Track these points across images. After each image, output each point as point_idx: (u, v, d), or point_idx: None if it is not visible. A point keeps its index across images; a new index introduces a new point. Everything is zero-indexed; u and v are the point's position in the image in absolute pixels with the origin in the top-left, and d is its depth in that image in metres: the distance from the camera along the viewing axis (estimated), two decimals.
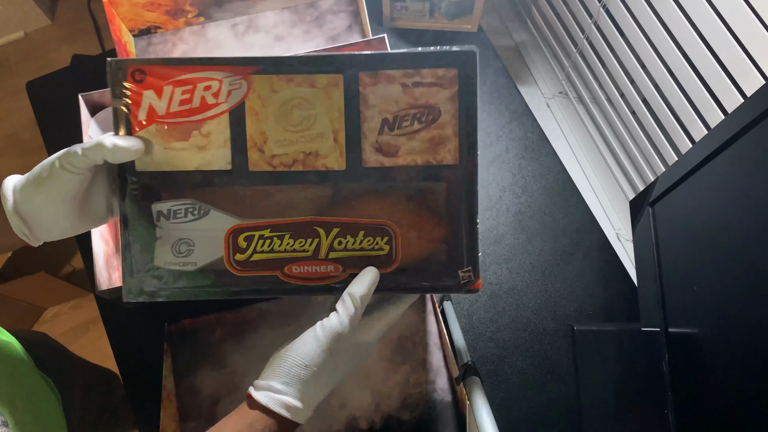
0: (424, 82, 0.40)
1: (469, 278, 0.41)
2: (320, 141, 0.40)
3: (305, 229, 0.41)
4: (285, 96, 0.39)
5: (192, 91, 0.39)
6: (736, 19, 0.52)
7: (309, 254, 0.41)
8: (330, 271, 0.41)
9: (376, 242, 0.41)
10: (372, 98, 0.40)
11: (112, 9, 0.81)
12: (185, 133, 0.39)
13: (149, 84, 0.38)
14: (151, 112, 0.39)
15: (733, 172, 0.47)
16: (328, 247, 0.41)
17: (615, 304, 0.72)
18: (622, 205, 0.80)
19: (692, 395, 0.51)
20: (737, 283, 0.45)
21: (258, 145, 0.40)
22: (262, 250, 0.41)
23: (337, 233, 0.41)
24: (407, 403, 0.65)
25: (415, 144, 0.40)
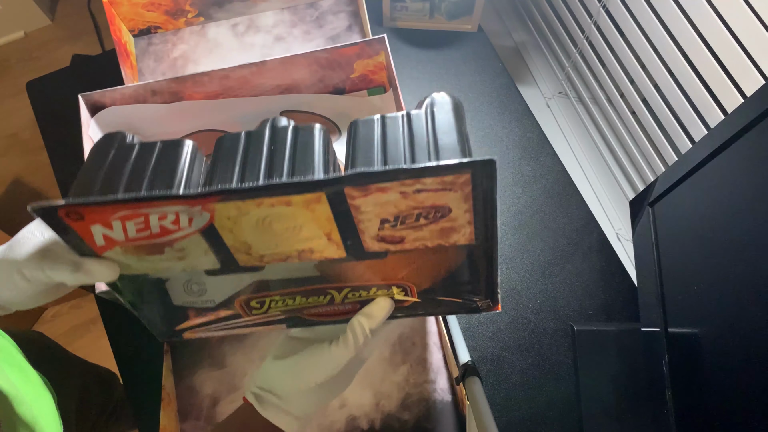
0: (428, 188, 0.31)
1: (487, 305, 0.40)
2: (312, 241, 0.34)
3: (316, 290, 0.39)
4: (258, 215, 0.32)
5: (146, 222, 0.32)
6: (736, 19, 0.52)
7: (324, 303, 0.39)
8: (348, 308, 0.40)
9: (391, 291, 0.39)
10: (365, 206, 0.32)
11: (112, 9, 0.81)
12: (157, 249, 0.34)
13: (92, 220, 0.32)
14: (108, 240, 0.33)
15: (733, 172, 0.47)
16: (343, 298, 0.39)
17: (615, 304, 0.72)
18: (622, 205, 0.80)
19: (692, 395, 0.51)
20: (737, 283, 0.45)
21: (243, 250, 0.35)
22: (277, 308, 0.40)
23: (349, 290, 0.38)
24: (407, 403, 0.65)
25: (422, 233, 0.34)
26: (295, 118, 0.76)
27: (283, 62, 0.68)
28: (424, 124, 0.36)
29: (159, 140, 0.38)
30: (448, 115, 0.36)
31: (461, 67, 0.88)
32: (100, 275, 0.34)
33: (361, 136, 0.36)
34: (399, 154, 0.35)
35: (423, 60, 0.88)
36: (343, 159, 0.37)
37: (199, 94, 0.71)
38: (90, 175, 0.35)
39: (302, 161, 0.35)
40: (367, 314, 0.38)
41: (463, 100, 0.85)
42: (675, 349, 0.55)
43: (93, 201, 0.31)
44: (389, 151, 0.35)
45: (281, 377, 0.38)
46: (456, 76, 0.87)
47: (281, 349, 0.40)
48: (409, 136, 0.35)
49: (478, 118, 0.82)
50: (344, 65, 0.72)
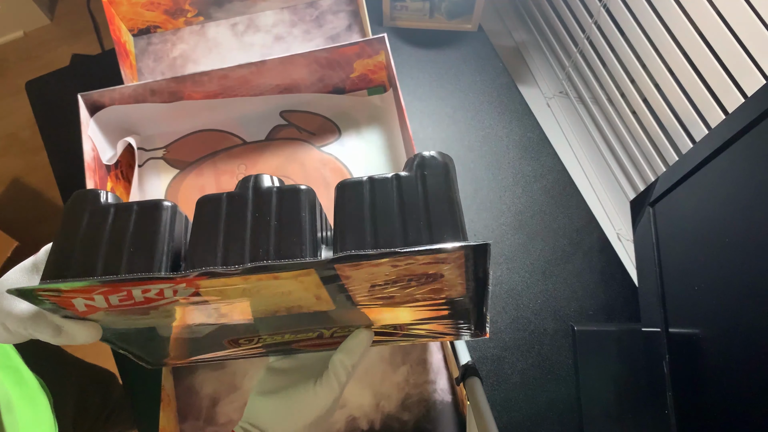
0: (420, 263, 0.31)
1: (476, 335, 0.42)
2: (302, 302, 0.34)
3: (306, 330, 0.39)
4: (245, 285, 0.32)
5: (129, 295, 0.31)
6: (736, 19, 0.52)
7: (314, 337, 0.40)
8: (337, 340, 0.40)
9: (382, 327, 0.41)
10: (356, 276, 0.32)
11: (111, 8, 0.81)
12: (142, 311, 0.34)
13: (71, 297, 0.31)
14: (90, 308, 0.33)
15: (733, 172, 0.47)
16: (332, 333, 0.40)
17: (615, 304, 0.72)
18: (622, 205, 0.80)
19: (692, 395, 0.51)
20: (737, 283, 0.45)
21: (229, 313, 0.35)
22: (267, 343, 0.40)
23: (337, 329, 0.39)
24: (407, 403, 0.65)
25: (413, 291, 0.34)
26: (295, 118, 0.76)
27: (283, 62, 0.68)
28: (416, 190, 0.34)
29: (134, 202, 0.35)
30: (439, 179, 0.34)
31: (461, 67, 0.87)
32: (82, 337, 0.34)
33: (350, 202, 0.34)
34: (390, 225, 0.32)
35: (423, 60, 0.88)
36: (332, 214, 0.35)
37: (199, 93, 0.71)
38: (65, 245, 0.33)
39: (289, 231, 0.33)
40: (347, 350, 0.38)
41: (463, 100, 0.85)
42: (675, 350, 0.55)
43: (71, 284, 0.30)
44: (379, 222, 0.33)
45: (269, 416, 0.38)
46: (456, 75, 0.87)
47: (265, 384, 0.40)
48: (400, 204, 0.33)
49: (478, 118, 0.82)
50: (344, 65, 0.71)
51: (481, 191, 0.77)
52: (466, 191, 0.77)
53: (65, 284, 0.30)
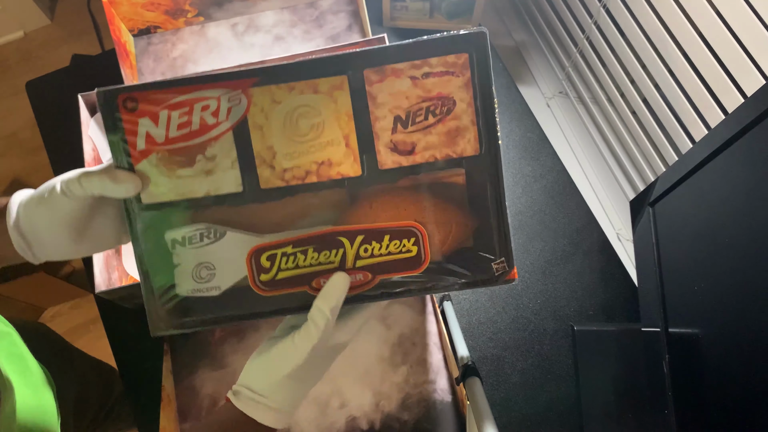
0: (434, 72, 0.37)
1: (503, 269, 0.39)
2: (332, 148, 0.38)
3: (328, 241, 0.39)
4: (288, 105, 0.37)
5: (189, 113, 0.37)
6: (736, 19, 0.52)
7: (335, 265, 0.39)
8: (360, 280, 0.39)
9: (403, 245, 0.39)
10: (381, 96, 0.38)
11: (111, 9, 0.81)
12: (189, 158, 0.38)
13: (143, 111, 0.36)
14: (149, 141, 0.37)
15: (733, 172, 0.47)
16: (355, 255, 0.39)
17: (615, 304, 0.72)
18: (622, 205, 0.80)
19: (692, 395, 0.51)
20: (737, 283, 0.45)
21: (267, 162, 0.38)
22: (287, 267, 0.39)
23: (361, 240, 0.39)
24: (407, 403, 0.65)
25: (431, 139, 0.38)
26: None
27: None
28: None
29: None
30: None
31: None
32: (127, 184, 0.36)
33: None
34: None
35: None
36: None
37: None
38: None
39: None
40: (323, 295, 0.37)
41: None
42: (675, 349, 0.55)
43: (148, 84, 0.36)
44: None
45: (254, 372, 0.39)
46: None
47: (262, 349, 0.40)
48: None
49: None
50: None
51: None
52: None
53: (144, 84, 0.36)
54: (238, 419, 0.38)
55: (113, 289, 0.60)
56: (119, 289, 0.60)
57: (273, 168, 0.38)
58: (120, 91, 0.36)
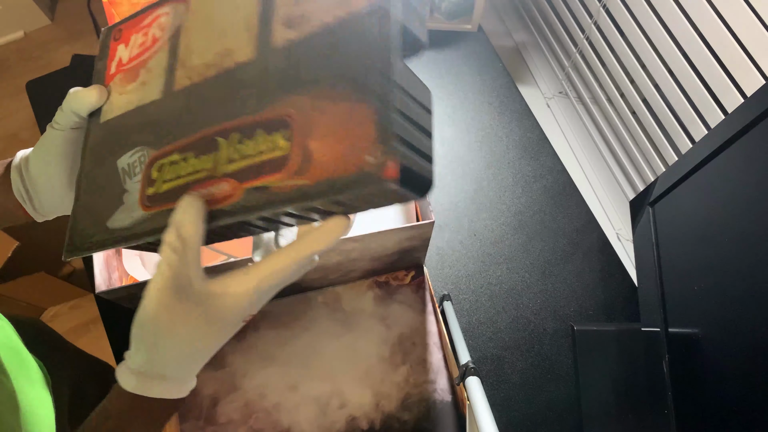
0: None
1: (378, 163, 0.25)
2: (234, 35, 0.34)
3: (207, 143, 0.33)
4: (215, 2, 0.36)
5: (147, 28, 0.39)
6: (736, 19, 0.52)
7: (208, 173, 0.32)
8: (226, 191, 0.31)
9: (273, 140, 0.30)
10: None
11: (111, 9, 0.81)
12: (134, 74, 0.39)
13: (124, 38, 0.40)
14: (118, 63, 0.40)
15: (733, 172, 0.47)
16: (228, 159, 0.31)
17: (615, 304, 0.72)
18: (622, 205, 0.80)
19: (692, 395, 0.51)
20: (737, 283, 0.45)
21: (183, 62, 0.37)
22: (169, 178, 0.34)
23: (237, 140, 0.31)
24: (407, 403, 0.65)
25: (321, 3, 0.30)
26: None
27: None
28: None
29: None
30: None
31: (461, 67, 0.87)
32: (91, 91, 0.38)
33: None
34: None
35: (423, 59, 0.88)
36: None
37: None
38: None
39: None
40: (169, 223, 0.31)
41: (463, 100, 0.85)
42: (675, 350, 0.55)
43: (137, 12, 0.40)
44: None
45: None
46: (456, 76, 0.87)
47: None
48: None
49: (478, 118, 0.82)
50: None
51: (481, 191, 0.77)
52: (466, 191, 0.77)
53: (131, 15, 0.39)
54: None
55: (113, 289, 0.60)
56: (119, 289, 0.60)
57: (185, 67, 0.36)
58: (117, 24, 0.40)
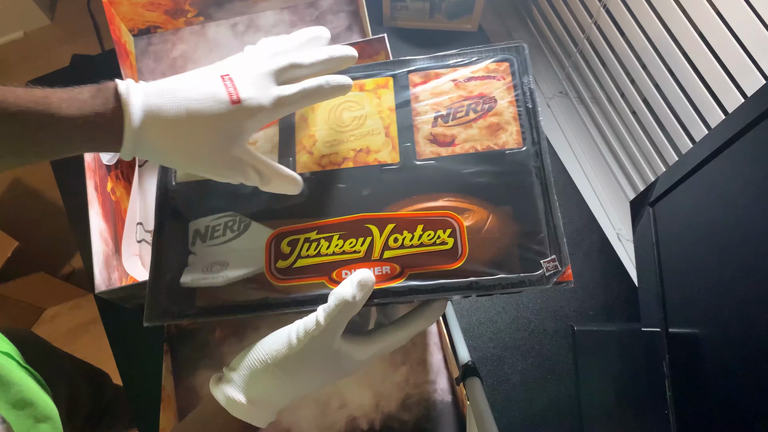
0: (476, 76, 0.38)
1: (555, 268, 0.34)
2: (371, 137, 0.38)
3: (356, 228, 0.35)
4: (335, 100, 0.39)
5: None
6: (736, 19, 0.52)
7: (361, 255, 0.35)
8: (386, 273, 0.35)
9: (438, 236, 0.35)
10: (423, 95, 0.38)
11: (111, 9, 0.81)
12: None
13: None
14: None
15: (733, 172, 0.47)
16: (383, 245, 0.35)
17: (615, 304, 0.72)
18: (622, 205, 0.80)
19: (692, 395, 0.51)
20: (738, 283, 0.45)
21: (307, 149, 0.38)
22: (308, 254, 0.35)
23: (392, 230, 0.35)
24: (407, 403, 0.65)
25: (472, 132, 0.37)
26: None
27: None
28: None
29: None
30: None
31: None
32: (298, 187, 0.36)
33: None
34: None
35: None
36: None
37: None
38: None
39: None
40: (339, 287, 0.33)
41: None
42: (675, 349, 0.55)
43: None
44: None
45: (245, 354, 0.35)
46: None
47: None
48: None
49: None
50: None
51: None
52: None
53: None
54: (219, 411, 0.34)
55: (113, 289, 0.60)
56: (119, 289, 0.60)
57: (311, 153, 0.38)
58: None
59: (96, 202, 0.64)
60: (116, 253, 0.69)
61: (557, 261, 0.35)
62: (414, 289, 0.34)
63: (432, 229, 0.35)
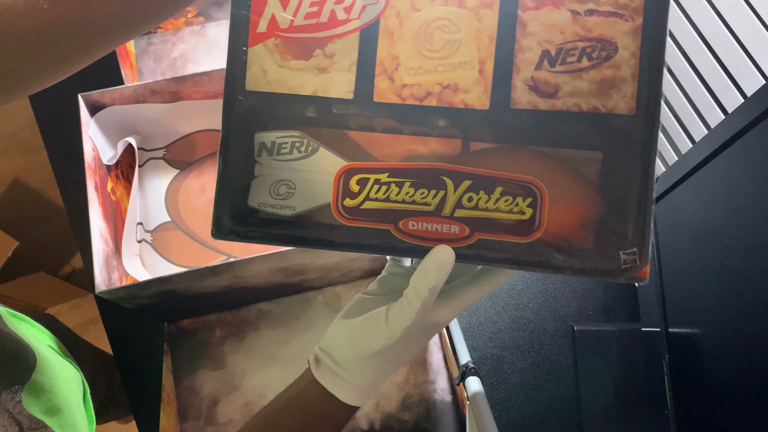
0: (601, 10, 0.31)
1: (633, 262, 0.31)
2: (462, 72, 0.33)
3: (430, 178, 0.33)
4: (428, 15, 0.33)
5: (322, 2, 0.33)
6: (736, 19, 0.52)
7: (431, 209, 0.33)
8: (454, 232, 0.33)
9: (516, 203, 0.32)
10: (532, 25, 0.32)
11: None
12: (307, 50, 0.34)
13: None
14: (272, 24, 0.34)
15: (733, 172, 0.47)
16: (455, 202, 0.33)
17: (615, 304, 0.72)
18: None
19: (692, 395, 0.51)
20: (737, 283, 0.45)
21: (388, 72, 0.33)
22: (377, 198, 0.33)
23: (468, 187, 0.32)
24: (407, 403, 0.65)
25: (580, 84, 0.32)
26: None
27: None
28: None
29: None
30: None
31: None
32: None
33: None
34: None
35: None
36: None
37: (199, 93, 0.71)
38: None
39: None
40: (422, 271, 0.32)
41: None
42: (675, 349, 0.55)
43: None
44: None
45: (340, 340, 0.35)
46: None
47: (351, 309, 0.37)
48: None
49: None
50: None
51: None
52: None
53: None
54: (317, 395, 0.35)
55: (113, 289, 0.60)
56: (119, 289, 0.60)
57: (392, 80, 0.34)
58: None
59: (96, 202, 0.64)
60: (116, 253, 0.69)
61: (637, 255, 0.31)
62: (480, 256, 0.33)
63: (511, 195, 0.32)
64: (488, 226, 0.32)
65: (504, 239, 0.32)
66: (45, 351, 0.48)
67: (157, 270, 0.69)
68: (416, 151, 0.33)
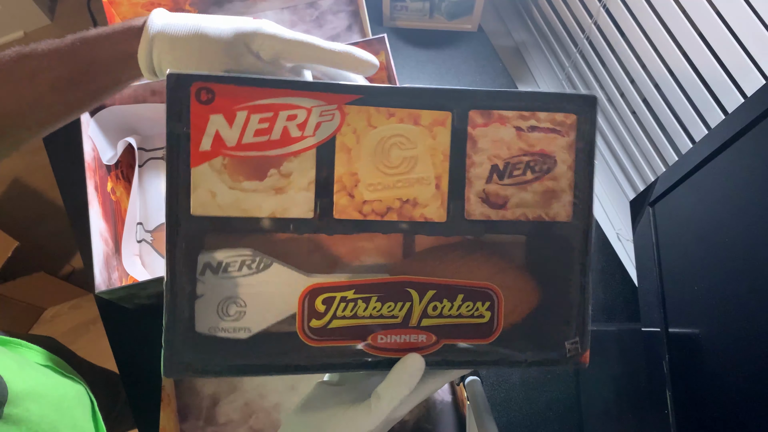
0: (541, 126, 0.35)
1: (575, 351, 0.36)
2: (420, 187, 0.34)
3: (396, 291, 0.34)
4: (384, 132, 0.33)
5: (272, 119, 0.32)
6: (736, 19, 0.52)
7: (398, 321, 0.34)
8: (422, 341, 0.34)
9: (476, 308, 0.35)
10: (482, 141, 0.34)
11: (111, 9, 0.81)
12: (260, 170, 0.32)
13: (218, 107, 0.32)
14: (217, 142, 0.32)
15: (733, 172, 0.47)
16: (421, 312, 0.34)
17: (615, 304, 0.72)
18: (622, 205, 0.80)
19: (692, 395, 0.51)
20: (738, 283, 0.45)
21: (347, 189, 0.33)
22: (344, 315, 0.33)
23: (432, 296, 0.34)
24: None
25: (526, 196, 0.34)
26: None
27: None
28: None
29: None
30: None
31: (461, 67, 0.87)
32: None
33: None
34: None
35: (423, 60, 0.88)
36: None
37: None
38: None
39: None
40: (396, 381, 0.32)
41: None
42: (675, 349, 0.55)
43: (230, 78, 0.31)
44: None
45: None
46: (456, 76, 0.87)
47: (310, 400, 0.36)
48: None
49: None
50: None
51: None
52: None
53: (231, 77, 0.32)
54: None
55: (113, 289, 0.60)
56: (119, 289, 0.60)
57: (352, 196, 0.34)
58: (196, 78, 0.32)
59: (96, 202, 0.64)
60: (116, 253, 0.69)
61: (578, 344, 0.36)
62: (446, 361, 0.34)
63: (472, 301, 0.35)
64: (452, 331, 0.34)
65: (467, 343, 0.35)
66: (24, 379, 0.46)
67: (157, 270, 0.69)
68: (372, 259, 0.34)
